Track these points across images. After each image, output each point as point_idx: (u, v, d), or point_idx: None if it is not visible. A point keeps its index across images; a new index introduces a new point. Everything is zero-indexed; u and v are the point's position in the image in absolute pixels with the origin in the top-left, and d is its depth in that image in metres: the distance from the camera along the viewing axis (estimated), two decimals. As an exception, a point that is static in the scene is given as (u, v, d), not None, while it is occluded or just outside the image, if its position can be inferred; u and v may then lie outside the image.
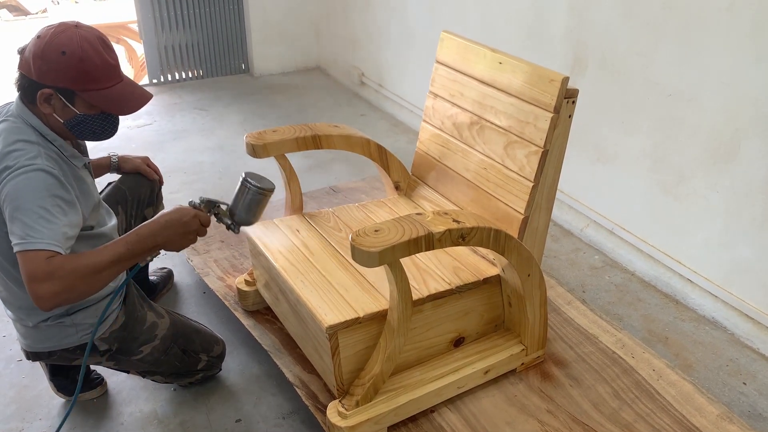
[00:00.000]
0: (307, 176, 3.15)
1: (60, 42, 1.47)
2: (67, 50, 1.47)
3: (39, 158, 1.47)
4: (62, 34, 1.49)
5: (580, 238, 2.73)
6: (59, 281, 1.38)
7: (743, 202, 2.08)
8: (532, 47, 2.77)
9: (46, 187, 1.44)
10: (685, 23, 2.13)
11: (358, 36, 4.23)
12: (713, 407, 1.81)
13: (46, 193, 1.44)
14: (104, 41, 1.55)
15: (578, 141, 2.56)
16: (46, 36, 1.49)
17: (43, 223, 1.41)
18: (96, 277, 1.45)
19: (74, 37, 1.49)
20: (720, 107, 2.08)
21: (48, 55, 1.46)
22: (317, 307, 1.65)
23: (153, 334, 1.79)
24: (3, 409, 1.87)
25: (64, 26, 1.51)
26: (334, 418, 1.65)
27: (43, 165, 1.46)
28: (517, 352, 1.89)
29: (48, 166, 1.47)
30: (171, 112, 4.02)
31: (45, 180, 1.45)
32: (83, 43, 1.49)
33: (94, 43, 1.51)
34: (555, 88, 1.66)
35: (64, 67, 1.47)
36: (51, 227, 1.42)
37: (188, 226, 1.55)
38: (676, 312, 2.30)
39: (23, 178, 1.43)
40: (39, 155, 1.47)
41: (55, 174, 1.47)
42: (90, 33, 1.52)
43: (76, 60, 1.48)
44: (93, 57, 1.50)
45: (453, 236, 1.52)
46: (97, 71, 1.51)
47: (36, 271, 1.38)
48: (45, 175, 1.45)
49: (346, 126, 2.16)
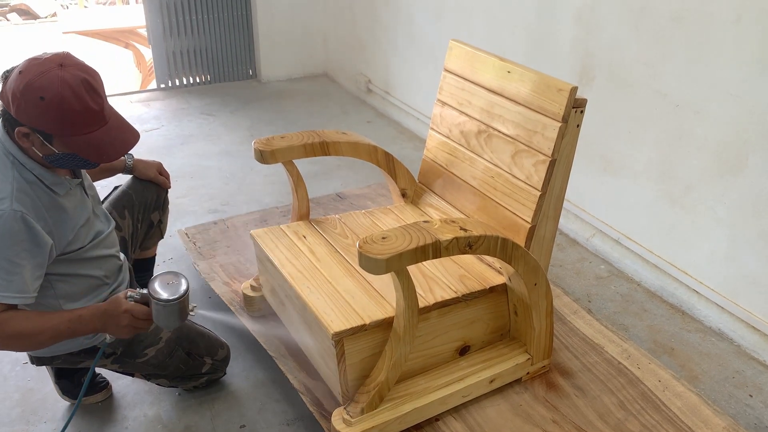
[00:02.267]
0: (313, 182, 3.16)
1: (40, 85, 1.39)
2: (46, 96, 1.39)
3: (7, 199, 1.45)
4: (43, 77, 1.40)
5: (586, 247, 2.73)
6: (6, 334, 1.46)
7: (750, 214, 2.07)
8: (540, 58, 2.77)
9: (11, 235, 1.44)
10: (693, 35, 2.13)
11: (366, 43, 4.25)
12: (719, 419, 1.80)
13: (10, 242, 1.44)
14: (89, 84, 1.45)
15: (585, 151, 2.56)
16: (27, 75, 1.40)
17: (5, 275, 1.44)
18: (33, 342, 1.53)
19: (55, 81, 1.40)
20: (728, 119, 2.08)
21: (26, 96, 1.39)
22: (323, 314, 1.65)
23: (157, 337, 1.79)
24: (8, 411, 1.88)
25: (47, 65, 1.42)
26: (338, 425, 1.64)
27: (9, 209, 1.44)
28: (522, 361, 1.88)
29: (16, 209, 1.44)
30: (178, 117, 4.04)
31: (11, 227, 1.44)
32: (64, 88, 1.40)
33: (77, 88, 1.42)
34: (563, 98, 1.66)
35: (41, 112, 1.40)
36: (13, 279, 1.46)
37: (119, 320, 1.54)
38: (682, 323, 2.29)
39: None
40: (10, 195, 1.45)
41: (22, 217, 1.45)
42: (74, 76, 1.43)
43: (55, 106, 1.40)
44: (72, 103, 1.41)
45: (460, 244, 1.52)
46: (76, 117, 1.43)
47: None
48: (11, 222, 1.43)
49: (354, 133, 2.17)
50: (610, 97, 2.49)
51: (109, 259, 1.74)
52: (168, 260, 2.57)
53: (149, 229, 2.11)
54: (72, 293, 1.63)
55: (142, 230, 2.07)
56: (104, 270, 1.71)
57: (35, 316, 1.52)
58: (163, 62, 4.44)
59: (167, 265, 2.53)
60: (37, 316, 1.52)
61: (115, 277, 1.76)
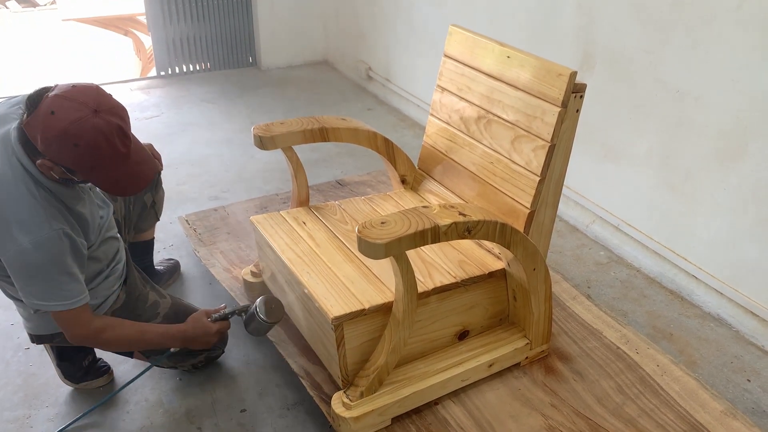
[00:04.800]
0: (313, 169, 3.16)
1: (74, 133, 1.41)
2: (80, 143, 1.42)
3: (45, 223, 1.50)
4: (78, 125, 1.41)
5: (585, 233, 2.73)
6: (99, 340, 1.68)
7: (750, 200, 2.08)
8: (540, 45, 2.76)
9: (60, 253, 1.53)
10: (694, 22, 2.12)
11: (366, 30, 4.23)
12: (717, 403, 1.81)
13: (62, 258, 1.54)
14: (121, 131, 1.48)
15: (585, 138, 2.56)
16: (62, 120, 1.41)
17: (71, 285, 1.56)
18: (126, 348, 1.79)
19: (90, 130, 1.42)
20: (728, 106, 2.08)
21: (61, 142, 1.41)
22: (323, 299, 1.66)
23: (155, 312, 1.84)
24: (11, 396, 1.89)
25: (82, 111, 1.42)
26: (338, 409, 1.66)
27: (50, 230, 1.50)
28: (521, 346, 1.89)
29: (55, 227, 1.51)
30: (178, 105, 4.03)
31: (59, 247, 1.52)
32: (98, 137, 1.43)
33: (110, 136, 1.44)
34: (563, 83, 1.66)
35: (72, 156, 1.44)
36: (77, 286, 1.58)
37: (210, 339, 1.80)
38: (681, 308, 2.30)
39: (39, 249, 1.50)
40: (45, 217, 1.50)
41: (64, 232, 1.53)
42: (108, 123, 1.44)
43: (88, 153, 1.43)
44: (104, 149, 1.44)
45: (459, 229, 1.53)
46: (104, 162, 1.47)
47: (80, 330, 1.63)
48: (56, 241, 1.51)
49: (354, 119, 2.17)
50: (611, 84, 2.48)
51: (109, 242, 1.77)
52: (169, 246, 2.58)
53: (142, 210, 2.12)
54: None
55: (135, 212, 2.09)
56: (105, 254, 1.74)
57: (129, 326, 1.71)
58: (163, 50, 4.43)
59: (168, 252, 2.54)
60: (131, 328, 1.71)
61: (113, 258, 1.79)
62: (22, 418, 1.82)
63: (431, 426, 1.74)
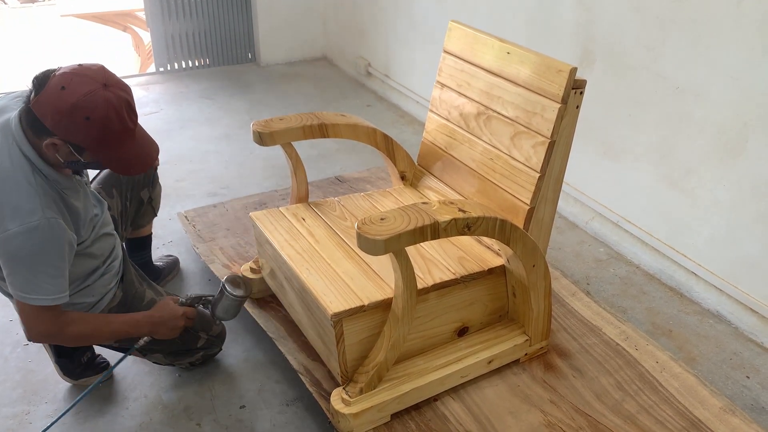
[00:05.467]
0: (312, 166, 3.15)
1: (86, 105, 1.42)
2: (92, 116, 1.43)
3: (38, 210, 1.48)
4: (90, 97, 1.42)
5: (585, 230, 2.73)
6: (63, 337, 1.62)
7: (749, 197, 2.07)
8: (540, 41, 2.76)
9: (50, 242, 1.50)
10: (694, 17, 2.12)
11: (365, 26, 4.22)
12: (716, 400, 1.81)
13: (50, 248, 1.50)
14: (129, 105, 1.50)
15: (585, 134, 2.55)
16: (73, 94, 1.42)
17: (51, 280, 1.53)
18: (93, 341, 1.77)
19: (101, 102, 1.43)
20: (728, 102, 2.07)
21: (72, 116, 1.42)
22: (322, 295, 1.66)
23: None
24: (9, 392, 1.89)
25: (92, 85, 1.44)
26: (337, 405, 1.66)
27: (43, 218, 1.48)
28: (520, 342, 1.89)
29: (48, 216, 1.49)
30: (177, 101, 4.03)
31: (49, 235, 1.49)
32: (109, 109, 1.45)
33: (120, 109, 1.47)
34: (563, 79, 1.66)
35: (83, 130, 1.44)
36: (58, 282, 1.54)
37: (176, 323, 1.76)
38: (681, 305, 2.30)
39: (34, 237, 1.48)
40: (40, 204, 1.48)
41: (57, 222, 1.51)
42: (118, 97, 1.47)
43: (99, 126, 1.44)
44: (115, 123, 1.46)
45: (459, 225, 1.52)
46: (114, 136, 1.48)
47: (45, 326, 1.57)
48: (48, 230, 1.49)
49: (353, 115, 2.17)
50: (611, 80, 2.48)
51: (104, 238, 1.76)
52: (168, 243, 2.58)
53: (139, 206, 2.12)
54: (72, 278, 1.64)
55: (132, 208, 2.09)
56: (101, 250, 1.73)
57: (93, 319, 1.68)
58: (162, 46, 4.42)
59: (167, 248, 2.54)
60: (95, 320, 1.68)
61: (109, 255, 1.78)
62: (21, 414, 1.82)
63: (430, 422, 1.74)
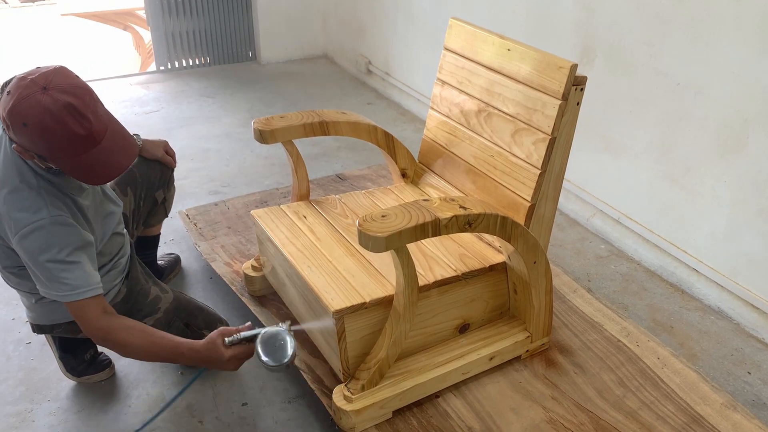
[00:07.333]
0: (314, 164, 3.15)
1: (21, 111, 1.35)
2: (27, 122, 1.35)
3: (44, 209, 1.48)
4: (24, 102, 1.35)
5: (586, 227, 2.73)
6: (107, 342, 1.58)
7: (750, 193, 2.07)
8: (540, 38, 2.76)
9: (58, 239, 1.49)
10: (694, 14, 2.12)
11: (366, 24, 4.22)
12: (717, 396, 1.81)
13: (59, 246, 1.49)
14: (73, 108, 1.38)
15: (586, 131, 2.56)
16: (12, 98, 1.36)
17: (65, 276, 1.50)
18: (134, 355, 1.62)
19: (35, 108, 1.35)
20: (728, 98, 2.07)
21: (12, 121, 1.37)
22: (324, 292, 1.66)
23: (156, 307, 1.83)
24: (12, 390, 1.89)
25: (30, 89, 1.36)
26: (339, 402, 1.66)
27: (48, 216, 1.48)
28: (522, 339, 1.90)
29: (54, 214, 1.48)
30: (178, 100, 4.03)
31: (56, 232, 1.49)
32: (45, 115, 1.35)
33: (59, 114, 1.36)
34: (563, 75, 1.66)
35: (27, 137, 1.38)
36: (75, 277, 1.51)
37: (225, 366, 1.60)
38: (682, 301, 2.30)
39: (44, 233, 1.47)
40: (45, 204, 1.48)
41: (63, 219, 1.50)
42: (55, 101, 1.36)
43: (38, 133, 1.37)
44: (56, 130, 1.36)
45: (460, 222, 1.52)
46: (60, 144, 1.39)
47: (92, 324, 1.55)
48: (54, 228, 1.48)
49: (354, 113, 2.17)
50: (611, 77, 2.48)
51: (114, 237, 1.77)
52: (169, 241, 2.58)
53: (153, 207, 2.12)
54: None
55: (144, 208, 2.09)
56: (109, 249, 1.74)
57: (139, 333, 1.58)
58: (162, 44, 4.42)
59: (168, 246, 2.54)
60: (141, 336, 1.57)
61: (117, 252, 1.79)
62: (23, 412, 1.83)
63: (432, 419, 1.74)
